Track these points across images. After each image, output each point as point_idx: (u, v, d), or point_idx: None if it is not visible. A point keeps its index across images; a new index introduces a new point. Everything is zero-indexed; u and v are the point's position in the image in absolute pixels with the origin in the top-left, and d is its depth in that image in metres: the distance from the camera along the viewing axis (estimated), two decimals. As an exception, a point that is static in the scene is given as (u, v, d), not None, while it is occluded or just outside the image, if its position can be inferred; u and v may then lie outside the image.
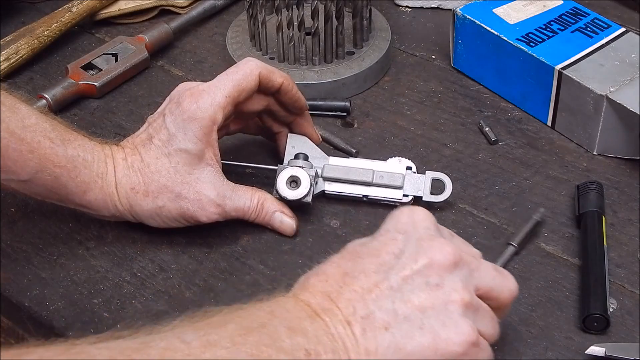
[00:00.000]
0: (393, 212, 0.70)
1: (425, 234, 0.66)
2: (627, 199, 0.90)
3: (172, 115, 0.82)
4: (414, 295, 0.63)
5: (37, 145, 0.78)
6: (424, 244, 0.65)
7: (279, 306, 0.62)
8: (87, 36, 1.17)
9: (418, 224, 0.67)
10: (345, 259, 0.66)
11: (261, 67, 0.84)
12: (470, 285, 0.65)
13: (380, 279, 0.64)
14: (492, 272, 0.68)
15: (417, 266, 0.64)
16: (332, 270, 0.65)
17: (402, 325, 0.62)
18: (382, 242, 0.67)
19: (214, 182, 0.83)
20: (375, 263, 0.65)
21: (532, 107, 1.00)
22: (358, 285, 0.64)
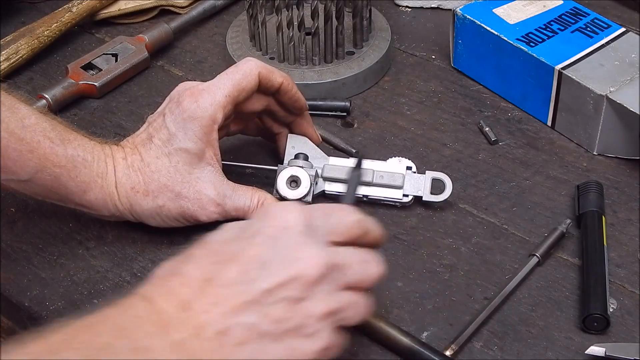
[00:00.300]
0: (264, 210, 0.66)
1: (295, 242, 0.63)
2: (627, 199, 0.90)
3: (172, 115, 0.82)
4: (274, 310, 0.61)
5: (37, 145, 0.78)
6: (293, 254, 0.62)
7: (129, 318, 0.59)
8: (87, 36, 1.17)
9: (290, 229, 0.63)
10: (208, 258, 0.63)
11: (261, 67, 0.84)
12: (334, 294, 0.64)
13: (241, 291, 0.61)
14: (360, 266, 0.66)
15: (281, 279, 0.62)
16: (193, 273, 0.62)
17: (258, 340, 0.61)
18: (248, 245, 0.63)
19: (214, 181, 0.83)
20: (238, 271, 0.62)
21: (532, 107, 1.00)
22: (220, 297, 0.61)
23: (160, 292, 0.61)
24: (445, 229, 0.87)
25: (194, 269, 0.62)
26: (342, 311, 0.64)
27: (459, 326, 0.78)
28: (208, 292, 0.61)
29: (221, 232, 0.66)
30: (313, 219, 0.65)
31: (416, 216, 0.89)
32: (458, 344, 0.75)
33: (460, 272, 0.83)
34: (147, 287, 0.62)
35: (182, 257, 0.64)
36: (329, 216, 0.67)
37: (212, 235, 0.66)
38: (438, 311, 0.79)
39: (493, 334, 0.77)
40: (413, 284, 0.82)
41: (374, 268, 0.68)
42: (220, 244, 0.64)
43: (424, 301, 0.80)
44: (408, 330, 0.76)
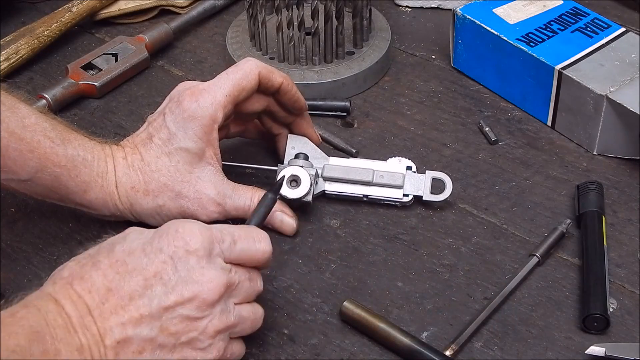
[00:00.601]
0: (168, 229, 0.68)
1: (196, 265, 0.66)
2: (627, 199, 0.90)
3: (173, 115, 0.82)
4: (172, 325, 0.65)
5: (37, 145, 0.78)
6: (193, 277, 0.66)
7: (41, 321, 0.61)
8: (87, 36, 1.17)
9: (191, 252, 0.66)
10: (113, 268, 0.65)
11: (261, 67, 0.84)
12: (228, 312, 0.68)
13: (143, 305, 0.65)
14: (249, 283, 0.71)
15: (181, 299, 0.65)
16: (97, 280, 0.65)
17: (155, 351, 0.65)
18: (150, 262, 0.66)
19: (215, 181, 0.83)
20: (142, 286, 0.65)
21: (532, 107, 1.00)
22: (121, 307, 0.64)
23: (66, 295, 0.64)
24: (445, 229, 0.87)
25: (98, 276, 0.65)
26: (235, 326, 0.69)
27: (459, 326, 0.78)
28: (110, 301, 0.64)
29: (127, 241, 0.68)
30: (217, 243, 0.68)
31: (416, 216, 0.89)
32: (458, 344, 0.75)
33: (460, 272, 0.83)
34: (55, 289, 0.65)
35: (87, 260, 0.67)
36: (235, 243, 0.70)
37: (118, 242, 0.68)
38: (438, 311, 0.79)
39: (493, 334, 0.77)
40: (413, 284, 0.82)
41: (258, 283, 0.72)
42: (125, 254, 0.66)
43: (424, 301, 0.80)
44: (408, 330, 0.76)
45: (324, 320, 0.79)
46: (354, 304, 0.78)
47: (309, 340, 0.77)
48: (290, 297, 0.81)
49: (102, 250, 0.67)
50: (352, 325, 0.78)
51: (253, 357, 0.76)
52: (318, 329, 0.78)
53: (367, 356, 0.76)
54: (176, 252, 0.66)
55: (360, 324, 0.77)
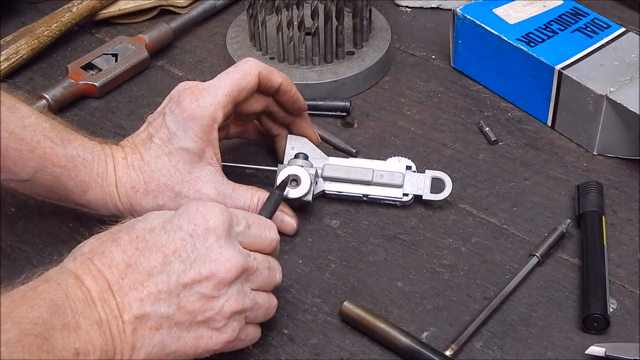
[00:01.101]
0: (188, 207, 0.69)
1: (215, 244, 0.68)
2: (627, 199, 0.90)
3: (173, 114, 0.82)
4: (189, 303, 0.67)
5: (37, 145, 0.78)
6: (211, 255, 0.67)
7: (61, 294, 0.62)
8: (87, 36, 1.17)
9: (211, 231, 0.68)
10: (133, 244, 0.67)
11: (261, 67, 0.84)
12: (244, 294, 0.69)
13: (161, 281, 0.66)
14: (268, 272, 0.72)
15: (199, 277, 0.67)
16: (117, 256, 0.66)
17: (172, 328, 0.66)
18: (170, 239, 0.67)
19: (214, 181, 0.83)
20: (160, 262, 0.66)
21: (532, 107, 1.00)
22: (140, 283, 0.65)
23: (86, 270, 0.65)
24: (445, 229, 0.87)
25: (118, 252, 0.66)
26: (249, 310, 0.70)
27: (459, 326, 0.78)
28: (129, 276, 0.65)
29: (148, 220, 0.69)
30: (234, 225, 0.70)
31: (416, 216, 0.89)
32: (458, 344, 0.75)
33: (460, 272, 0.83)
34: (75, 264, 0.66)
35: (107, 237, 0.68)
36: (249, 227, 0.71)
37: (139, 221, 0.69)
38: (438, 311, 0.79)
39: (493, 334, 0.77)
40: (413, 284, 0.82)
41: (277, 275, 0.74)
42: (145, 232, 0.68)
43: (424, 301, 0.80)
44: (408, 330, 0.76)
45: (324, 320, 0.79)
46: (354, 304, 0.78)
47: (309, 340, 0.77)
48: (290, 297, 0.81)
49: (122, 228, 0.68)
50: (352, 325, 0.78)
51: (253, 357, 0.76)
52: (318, 329, 0.78)
53: (367, 356, 0.76)
54: (196, 230, 0.67)
55: (360, 324, 0.77)
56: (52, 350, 0.59)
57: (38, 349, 0.58)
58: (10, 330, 0.58)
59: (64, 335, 0.60)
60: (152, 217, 0.69)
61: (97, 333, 0.63)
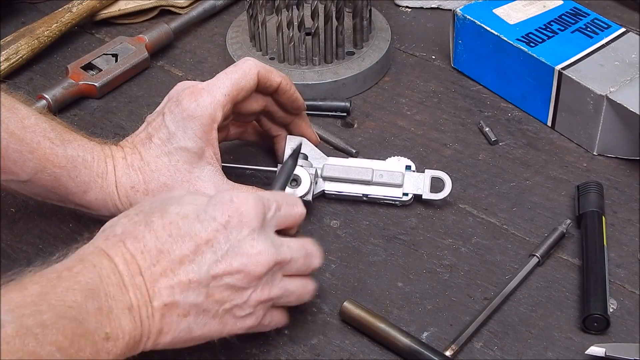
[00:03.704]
0: (222, 198, 0.69)
1: (248, 237, 0.68)
2: (627, 199, 0.90)
3: (172, 114, 0.82)
4: (217, 292, 0.67)
5: (37, 146, 0.78)
6: (243, 248, 0.67)
7: (96, 278, 0.63)
8: (87, 36, 1.17)
9: (244, 222, 0.68)
10: (166, 230, 0.66)
11: (260, 67, 0.84)
12: (275, 284, 0.70)
13: (192, 271, 0.66)
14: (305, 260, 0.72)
15: (230, 269, 0.67)
16: (150, 241, 0.66)
17: (199, 316, 0.67)
18: (204, 229, 0.67)
19: (214, 180, 0.83)
20: (192, 251, 0.66)
21: (532, 107, 1.00)
22: (171, 271, 0.65)
23: (119, 253, 0.65)
24: (445, 229, 0.87)
25: (151, 237, 0.66)
26: (278, 298, 0.71)
27: (459, 326, 0.78)
28: (161, 263, 0.66)
29: (181, 204, 0.69)
30: (266, 211, 0.70)
31: (416, 216, 0.89)
32: (458, 344, 0.75)
33: (460, 272, 0.83)
34: (108, 245, 0.66)
35: (140, 218, 0.68)
36: (279, 209, 0.72)
37: (171, 204, 0.69)
38: (438, 311, 0.79)
39: (493, 334, 0.77)
40: (413, 284, 0.82)
41: (316, 261, 0.74)
42: (179, 218, 0.67)
43: (424, 301, 0.80)
44: (408, 331, 0.76)
45: (324, 321, 0.79)
46: (354, 304, 0.78)
47: (309, 341, 0.77)
48: (290, 298, 0.81)
49: (155, 210, 0.68)
50: (352, 326, 0.78)
51: (253, 357, 0.76)
52: (318, 329, 0.78)
53: (367, 356, 0.76)
54: (229, 221, 0.67)
55: (361, 324, 0.77)
56: (85, 333, 0.60)
57: (72, 332, 0.59)
58: (46, 311, 0.58)
59: (97, 319, 0.61)
60: (185, 201, 0.69)
61: (128, 318, 0.63)
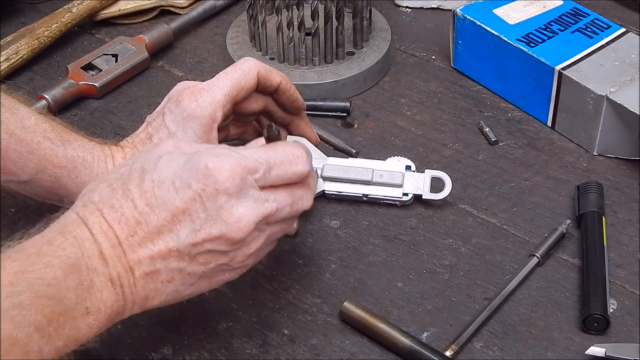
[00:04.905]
0: (198, 163, 0.65)
1: (226, 205, 0.65)
2: (627, 200, 0.90)
3: (172, 114, 0.82)
4: (200, 257, 0.66)
5: (37, 146, 0.78)
6: (222, 215, 0.65)
7: (76, 250, 0.62)
8: (87, 36, 1.17)
9: (220, 190, 0.65)
10: (142, 199, 0.65)
11: (259, 66, 0.84)
12: (260, 237, 0.68)
13: (171, 240, 0.65)
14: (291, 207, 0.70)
15: (209, 237, 0.65)
16: (127, 211, 0.65)
17: (185, 278, 0.67)
18: (180, 199, 0.65)
19: None
20: (169, 221, 0.65)
21: (532, 108, 1.00)
22: (150, 241, 0.65)
23: (97, 222, 0.64)
24: (445, 230, 0.87)
25: (128, 207, 0.65)
26: (268, 243, 0.70)
27: (459, 326, 0.78)
28: (139, 234, 0.65)
29: (157, 169, 0.66)
30: (250, 174, 0.67)
31: (416, 217, 0.89)
32: (458, 345, 0.75)
33: (460, 273, 0.83)
34: (85, 213, 0.65)
35: (117, 185, 0.66)
36: (270, 170, 0.68)
37: (149, 170, 0.66)
38: (438, 311, 0.79)
39: (493, 335, 0.77)
40: (413, 284, 0.82)
41: (304, 203, 0.71)
42: (154, 185, 0.65)
43: (424, 301, 0.80)
44: (408, 331, 0.76)
45: (324, 321, 0.79)
46: (354, 305, 0.78)
47: (309, 341, 0.77)
48: (290, 298, 0.81)
49: (133, 176, 0.66)
50: (352, 326, 0.78)
51: (253, 357, 0.76)
52: (318, 329, 0.78)
53: (367, 357, 0.76)
54: (205, 189, 0.65)
55: (361, 324, 0.77)
56: (65, 311, 0.59)
57: (51, 310, 0.58)
58: (24, 291, 0.57)
59: (77, 294, 0.60)
60: (161, 164, 0.66)
61: (110, 290, 0.63)
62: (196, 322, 0.79)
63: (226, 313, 0.80)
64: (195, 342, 0.77)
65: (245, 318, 0.79)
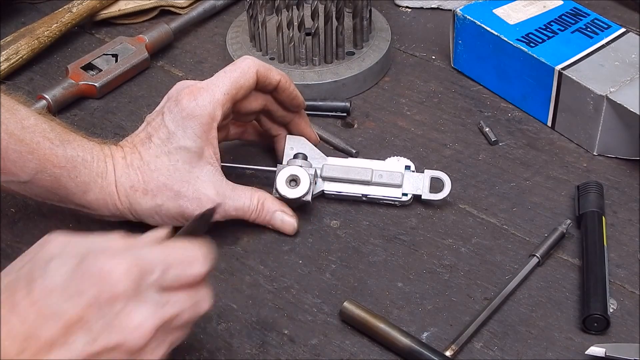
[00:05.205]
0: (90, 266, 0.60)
1: (123, 310, 0.60)
2: (627, 200, 0.90)
3: (171, 114, 0.82)
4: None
5: (37, 146, 0.78)
6: (120, 322, 0.60)
7: None
8: (87, 36, 1.17)
9: (116, 294, 0.59)
10: (32, 309, 0.58)
11: (258, 65, 0.84)
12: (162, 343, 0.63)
13: (66, 352, 0.58)
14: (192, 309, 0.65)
15: (107, 346, 0.59)
16: (15, 325, 0.58)
17: None
18: (73, 307, 0.59)
19: (214, 180, 0.83)
20: (62, 333, 0.58)
21: (532, 108, 1.00)
22: (41, 357, 0.58)
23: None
24: (445, 230, 0.87)
25: (17, 321, 0.59)
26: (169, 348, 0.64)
27: (459, 326, 0.78)
28: (29, 349, 0.58)
29: (47, 274, 0.60)
30: (147, 275, 0.61)
31: (416, 216, 0.89)
32: (458, 345, 0.75)
33: (460, 273, 0.83)
34: None
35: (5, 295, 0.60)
36: (167, 271, 0.63)
37: (38, 276, 0.60)
38: (438, 311, 0.79)
39: (493, 335, 0.77)
40: (413, 284, 0.82)
41: (204, 306, 0.66)
42: (44, 294, 0.59)
43: (424, 301, 0.80)
44: (408, 331, 0.76)
45: (324, 321, 0.79)
46: (354, 305, 0.78)
47: (309, 341, 0.77)
48: (290, 298, 0.81)
49: (20, 286, 0.60)
50: (352, 326, 0.78)
51: (253, 357, 0.76)
52: (318, 329, 0.78)
53: (368, 357, 0.76)
54: (100, 295, 0.59)
55: (361, 324, 0.77)
56: None
57: None
58: None
59: None
60: (51, 268, 0.60)
61: None
62: (196, 322, 0.79)
63: (226, 313, 0.80)
64: (195, 342, 0.77)
65: (245, 318, 0.79)
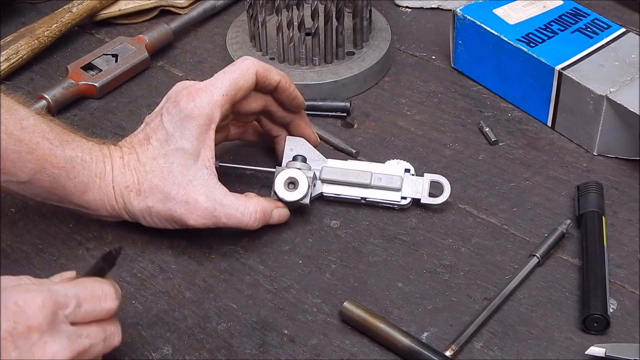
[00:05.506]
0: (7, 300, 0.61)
1: (39, 342, 0.61)
2: (627, 200, 0.90)
3: (170, 115, 0.82)
4: None
5: (36, 147, 0.78)
6: (35, 354, 0.61)
7: None
8: (87, 36, 1.17)
9: (32, 327, 0.61)
10: None
11: (258, 65, 0.84)
12: None
13: None
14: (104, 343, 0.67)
15: None
16: None
17: None
18: None
19: (207, 185, 0.81)
20: None
21: (532, 108, 1.00)
22: None
23: None
24: (445, 230, 0.87)
25: None
26: None
27: (459, 326, 0.78)
28: None
29: None
30: (61, 309, 0.63)
31: (416, 217, 0.89)
32: (458, 345, 0.75)
33: (460, 273, 0.83)
34: None
35: None
36: (80, 305, 0.65)
37: None
38: (438, 311, 0.79)
39: (493, 335, 0.77)
40: (413, 284, 0.82)
41: (115, 340, 0.68)
42: None
43: (424, 301, 0.80)
44: (408, 331, 0.76)
45: (324, 321, 0.79)
46: (354, 305, 0.78)
47: (309, 341, 0.77)
48: (290, 298, 0.81)
49: None
50: (352, 326, 0.78)
51: (253, 357, 0.76)
52: (318, 329, 0.78)
53: (367, 357, 0.76)
54: (16, 328, 0.60)
55: (361, 324, 0.77)
56: None
57: None
58: None
59: None
60: None
61: None
62: (196, 322, 0.79)
63: (226, 313, 0.80)
64: (195, 342, 0.77)
65: (245, 318, 0.79)
